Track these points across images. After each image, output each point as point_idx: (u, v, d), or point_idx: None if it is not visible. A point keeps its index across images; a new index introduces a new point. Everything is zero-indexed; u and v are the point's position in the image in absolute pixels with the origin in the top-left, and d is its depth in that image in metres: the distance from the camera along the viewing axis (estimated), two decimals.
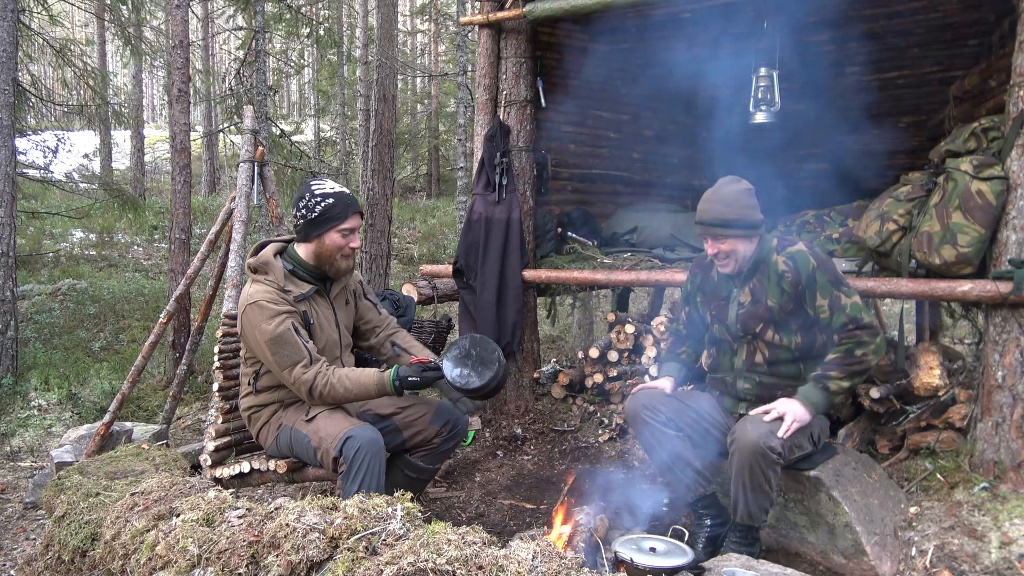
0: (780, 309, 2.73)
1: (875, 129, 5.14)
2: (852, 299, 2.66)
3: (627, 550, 2.32)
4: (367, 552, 1.67)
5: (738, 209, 2.68)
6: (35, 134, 8.96)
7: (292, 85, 30.16)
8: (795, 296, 2.71)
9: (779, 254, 2.75)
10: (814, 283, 2.67)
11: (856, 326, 2.63)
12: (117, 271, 10.82)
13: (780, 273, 2.72)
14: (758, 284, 2.78)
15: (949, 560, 2.66)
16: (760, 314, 2.76)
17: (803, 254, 2.71)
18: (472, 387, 2.56)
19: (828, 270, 2.69)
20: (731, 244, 2.71)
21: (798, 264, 2.70)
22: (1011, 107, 3.00)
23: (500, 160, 4.36)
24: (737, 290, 2.84)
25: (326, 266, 2.74)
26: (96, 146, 16.31)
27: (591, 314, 8.48)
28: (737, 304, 2.83)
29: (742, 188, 2.74)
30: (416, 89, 24.90)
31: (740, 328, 2.82)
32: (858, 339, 2.63)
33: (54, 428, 5.39)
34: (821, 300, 2.67)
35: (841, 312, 2.65)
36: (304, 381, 2.57)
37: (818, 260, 2.69)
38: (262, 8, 9.09)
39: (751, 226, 2.70)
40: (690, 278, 3.11)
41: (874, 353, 2.63)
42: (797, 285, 2.70)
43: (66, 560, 2.47)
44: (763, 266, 2.77)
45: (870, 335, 2.62)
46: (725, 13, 4.24)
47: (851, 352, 2.63)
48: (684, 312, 3.13)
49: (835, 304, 2.66)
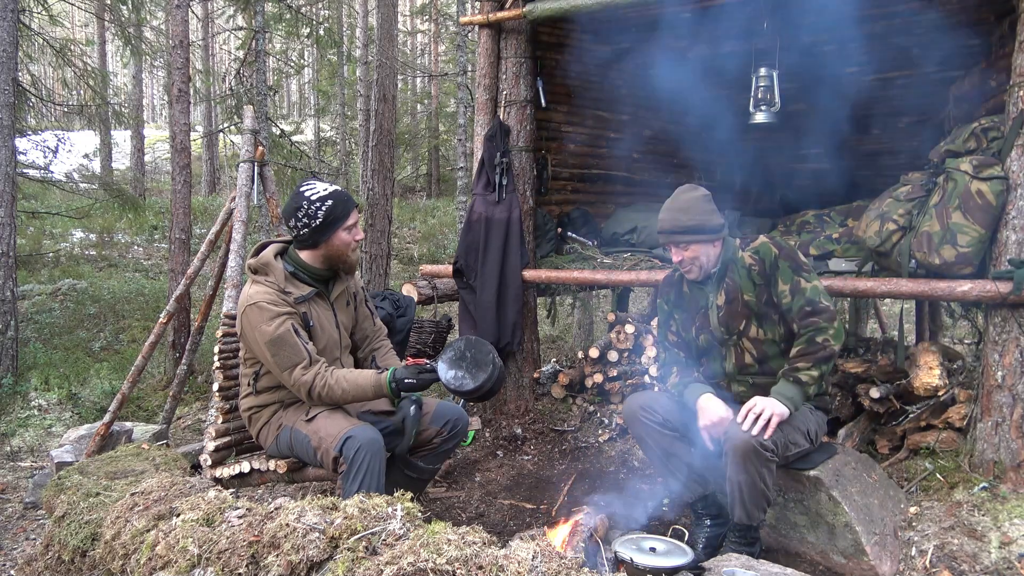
0: (757, 301, 2.78)
1: (875, 129, 5.14)
2: (812, 283, 2.70)
3: (627, 550, 2.32)
4: (367, 552, 1.67)
5: (696, 215, 2.75)
6: (35, 134, 8.96)
7: (292, 85, 30.17)
8: (766, 286, 2.77)
9: (744, 251, 2.83)
10: (776, 270, 2.74)
11: (812, 309, 2.66)
12: (117, 271, 10.82)
13: (748, 267, 2.80)
14: (730, 283, 2.83)
15: (949, 560, 2.66)
16: (739, 311, 2.81)
17: (765, 245, 2.79)
18: (466, 389, 2.57)
19: (789, 256, 2.75)
20: (694, 250, 2.78)
21: (762, 254, 2.78)
22: (1011, 107, 3.00)
23: (500, 160, 4.36)
24: (712, 295, 2.87)
25: (339, 264, 2.77)
26: (96, 146, 16.31)
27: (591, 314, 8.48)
28: (716, 308, 2.86)
29: (699, 195, 2.81)
30: (416, 89, 24.90)
31: (724, 330, 2.85)
32: (816, 326, 2.66)
33: (54, 428, 5.39)
34: (783, 286, 2.73)
35: (800, 295, 2.69)
36: (304, 382, 2.58)
37: (779, 248, 2.77)
38: (262, 8, 9.09)
39: (711, 230, 2.77)
40: (661, 301, 3.10)
41: (834, 337, 2.65)
42: (764, 275, 2.77)
43: (66, 560, 2.47)
44: (732, 266, 2.83)
45: (826, 319, 2.65)
46: (725, 13, 4.23)
47: (812, 340, 2.66)
48: (669, 337, 3.06)
49: (795, 288, 2.71)
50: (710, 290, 2.88)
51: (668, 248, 2.87)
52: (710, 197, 2.83)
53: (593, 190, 5.43)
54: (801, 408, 2.74)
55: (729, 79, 4.91)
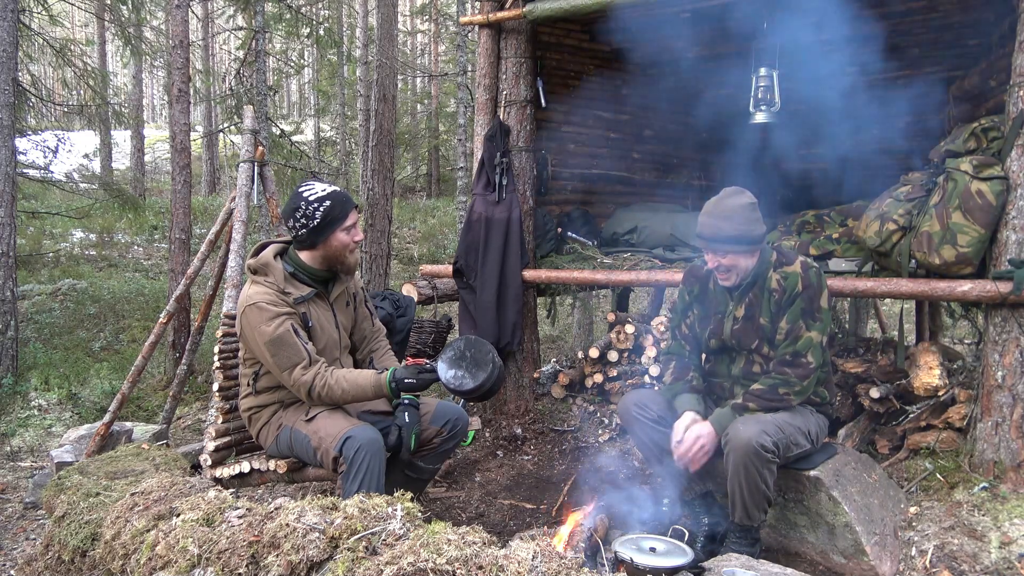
0: (771, 328, 2.74)
1: (875, 129, 5.13)
2: (810, 333, 2.65)
3: (627, 550, 2.32)
4: (367, 552, 1.67)
5: (740, 224, 2.63)
6: (35, 134, 8.96)
7: (292, 85, 30.16)
8: (779, 313, 2.72)
9: (775, 271, 2.74)
10: (790, 305, 2.69)
11: (793, 360, 2.65)
12: (117, 271, 10.82)
13: (771, 291, 2.73)
14: (754, 299, 2.77)
15: (949, 560, 2.66)
16: (754, 331, 2.77)
17: (795, 276, 2.70)
18: (466, 389, 2.56)
19: (809, 299, 2.66)
20: (732, 259, 2.69)
21: (787, 284, 2.70)
22: (1011, 107, 3.00)
23: (500, 160, 4.36)
24: (733, 304, 2.82)
25: (337, 265, 2.76)
26: (96, 146, 16.30)
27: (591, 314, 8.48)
28: (732, 319, 2.82)
29: (745, 202, 2.67)
30: (416, 89, 24.90)
31: (736, 343, 2.83)
32: (786, 378, 2.65)
33: (54, 428, 5.39)
34: (785, 324, 2.69)
35: (792, 342, 2.66)
36: (304, 382, 2.58)
37: (806, 286, 2.67)
38: (262, 8, 9.09)
39: (753, 241, 2.66)
40: (685, 289, 3.03)
41: (797, 395, 2.66)
42: (780, 304, 2.71)
43: (66, 560, 2.47)
44: (760, 280, 2.76)
45: (799, 376, 2.64)
46: (725, 13, 4.23)
47: (775, 388, 2.66)
48: (683, 326, 3.01)
49: (792, 332, 2.67)
50: (732, 299, 2.82)
51: (706, 252, 2.75)
52: (755, 205, 2.69)
53: (593, 190, 5.43)
54: (802, 409, 2.75)
55: (729, 79, 4.91)
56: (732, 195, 2.71)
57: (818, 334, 2.65)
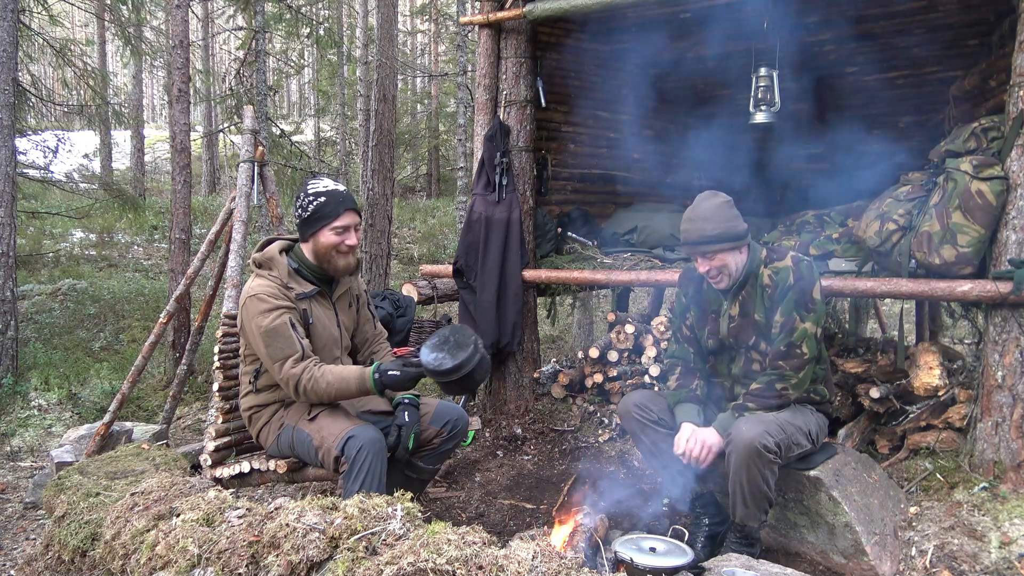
0: (766, 323, 2.75)
1: (875, 129, 5.14)
2: (804, 324, 2.66)
3: (627, 550, 2.32)
4: (367, 552, 1.67)
5: (721, 223, 2.68)
6: (35, 134, 8.95)
7: (292, 85, 30.16)
8: (772, 309, 2.73)
9: (766, 267, 2.77)
10: (783, 299, 2.70)
11: (787, 352, 2.66)
12: (117, 271, 10.81)
13: (764, 287, 2.75)
14: (747, 297, 2.79)
15: (949, 560, 2.66)
16: (749, 327, 2.79)
17: (786, 270, 2.72)
18: (444, 368, 2.48)
19: (802, 291, 2.68)
20: (721, 259, 2.72)
21: (779, 279, 2.72)
22: (1011, 107, 3.00)
23: (500, 160, 4.36)
24: (727, 303, 2.85)
25: (325, 264, 2.74)
26: (96, 146, 16.31)
27: (591, 314, 8.48)
28: (728, 317, 2.84)
29: (720, 201, 2.74)
30: (416, 89, 24.89)
31: (733, 341, 2.85)
32: (781, 372, 2.67)
33: (54, 428, 5.39)
34: (780, 317, 2.70)
35: (787, 335, 2.67)
36: (292, 375, 2.56)
37: (797, 278, 2.69)
38: (262, 8, 9.08)
39: (737, 237, 2.70)
40: (680, 293, 3.06)
41: (794, 387, 2.67)
42: (773, 299, 2.73)
43: (66, 560, 2.48)
44: (752, 278, 2.78)
45: (793, 368, 2.66)
46: (725, 13, 4.24)
47: (772, 385, 2.68)
48: (684, 327, 3.02)
49: (787, 325, 2.67)
50: (726, 298, 2.85)
51: (694, 259, 2.78)
52: (732, 202, 2.75)
53: (593, 190, 5.43)
54: (803, 409, 2.75)
55: (729, 79, 4.92)
56: (707, 198, 2.77)
57: (812, 325, 2.67)
